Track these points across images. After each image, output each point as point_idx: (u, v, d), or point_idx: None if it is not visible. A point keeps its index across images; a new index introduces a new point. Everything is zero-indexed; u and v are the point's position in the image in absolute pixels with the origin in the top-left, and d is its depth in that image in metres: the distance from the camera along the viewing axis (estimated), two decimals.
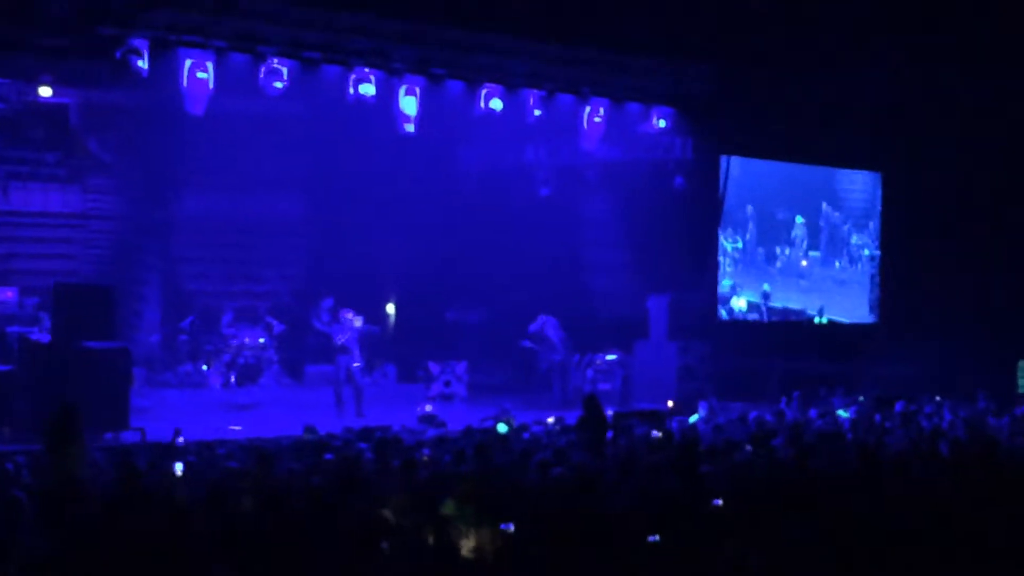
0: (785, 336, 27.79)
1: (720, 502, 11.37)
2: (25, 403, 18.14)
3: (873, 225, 29.88)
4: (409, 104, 21.96)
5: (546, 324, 25.73)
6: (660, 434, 16.42)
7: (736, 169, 26.91)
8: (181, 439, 16.48)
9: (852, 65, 26.77)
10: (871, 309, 29.76)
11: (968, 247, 28.41)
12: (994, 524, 10.81)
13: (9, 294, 22.44)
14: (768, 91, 25.78)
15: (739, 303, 27.74)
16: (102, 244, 25.04)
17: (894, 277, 29.54)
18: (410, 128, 22.17)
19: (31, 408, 17.77)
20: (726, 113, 25.39)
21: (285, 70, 20.56)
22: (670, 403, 23.15)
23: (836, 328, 28.97)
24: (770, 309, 28.22)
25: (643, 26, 23.85)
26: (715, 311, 26.67)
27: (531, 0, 22.91)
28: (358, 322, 23.14)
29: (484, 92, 22.66)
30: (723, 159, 26.57)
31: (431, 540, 9.88)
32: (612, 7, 23.62)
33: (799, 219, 28.83)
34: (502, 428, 17.99)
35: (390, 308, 27.88)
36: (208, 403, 22.66)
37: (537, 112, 23.44)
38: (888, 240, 29.69)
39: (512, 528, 10.00)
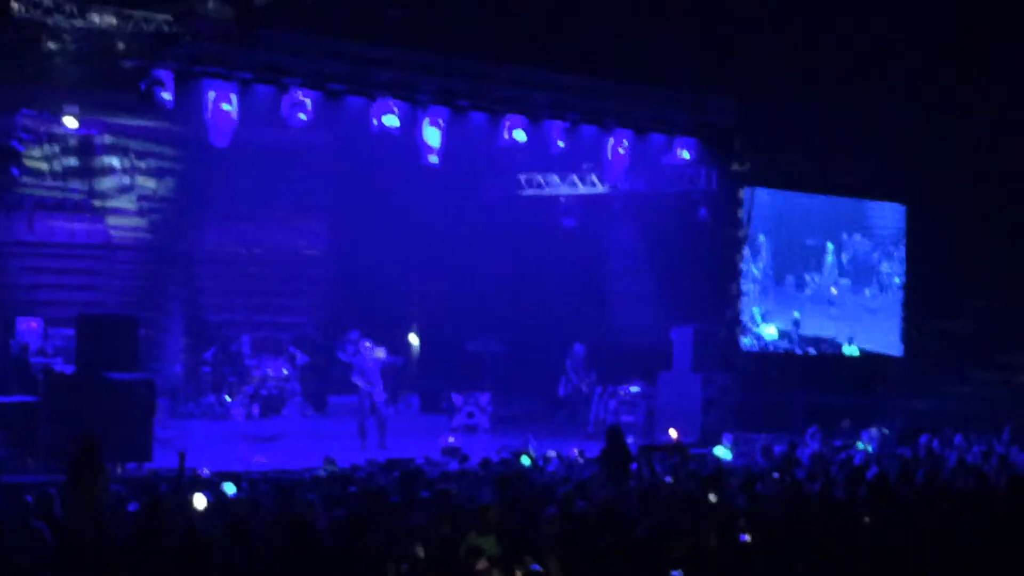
0: (809, 368, 27.66)
1: (747, 537, 11.30)
2: (49, 434, 18.15)
3: (903, 251, 29.71)
4: (433, 135, 21.96)
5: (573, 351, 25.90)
6: (672, 479, 16.16)
7: (764, 196, 26.81)
8: (206, 471, 16.47)
9: (875, 97, 26.75)
10: (901, 337, 29.53)
11: (993, 279, 28.23)
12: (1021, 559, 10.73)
13: (33, 324, 22.50)
14: (791, 123, 25.77)
15: (769, 331, 27.62)
16: (127, 275, 25.13)
17: (920, 309, 29.37)
18: (434, 159, 22.19)
19: (55, 439, 17.76)
20: (749, 144, 25.35)
21: (309, 101, 20.58)
22: (673, 433, 23.00)
23: (861, 360, 28.80)
24: (801, 337, 28.09)
25: (666, 57, 23.88)
26: (739, 342, 26.51)
27: (554, 32, 22.99)
28: (381, 353, 23.12)
29: (507, 123, 22.63)
30: (747, 189, 26.42)
31: (454, 573, 9.86)
32: (635, 38, 23.65)
33: (829, 246, 28.72)
34: (525, 461, 17.93)
35: (413, 339, 27.86)
36: (231, 434, 22.62)
37: (561, 143, 23.41)
38: (913, 272, 29.52)
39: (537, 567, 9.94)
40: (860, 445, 21.29)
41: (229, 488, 14.36)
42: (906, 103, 27.38)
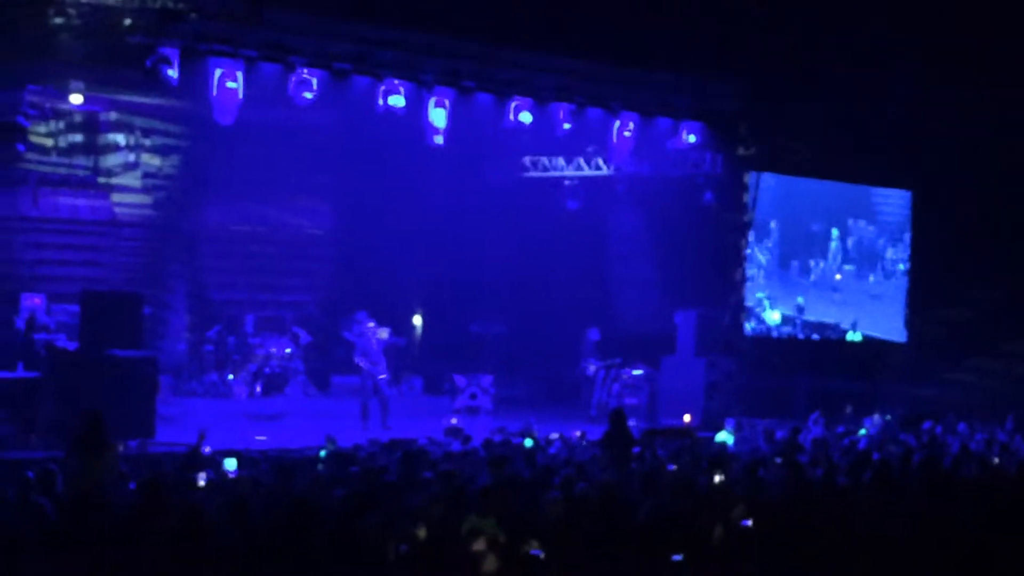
0: (813, 353, 27.63)
1: (749, 522, 11.29)
2: (52, 410, 18.14)
3: (908, 238, 29.61)
4: (438, 116, 21.90)
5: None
6: (675, 467, 16.11)
7: (771, 180, 26.73)
8: (208, 448, 16.46)
9: (881, 83, 26.67)
10: (905, 324, 29.46)
11: (999, 267, 28.18)
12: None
13: (37, 300, 22.49)
14: (797, 108, 25.69)
15: (773, 316, 27.56)
16: (131, 252, 25.13)
17: (924, 296, 29.32)
18: (439, 140, 22.12)
19: (58, 416, 17.76)
20: (755, 129, 25.29)
21: (315, 81, 20.52)
22: (687, 417, 23.03)
23: (864, 346, 28.76)
24: (805, 322, 28.04)
25: (673, 42, 23.80)
26: (743, 327, 26.47)
27: (561, 14, 22.89)
28: (384, 334, 23.09)
29: (513, 105, 22.58)
30: (753, 174, 26.33)
31: (454, 555, 9.85)
32: (642, 23, 23.57)
33: (834, 232, 28.64)
34: (528, 443, 17.91)
35: (417, 320, 27.86)
36: (233, 413, 22.59)
37: (567, 125, 23.36)
38: (918, 259, 29.45)
39: (538, 551, 9.92)
40: (862, 431, 21.28)
41: (230, 464, 14.36)
42: (914, 91, 27.28)
